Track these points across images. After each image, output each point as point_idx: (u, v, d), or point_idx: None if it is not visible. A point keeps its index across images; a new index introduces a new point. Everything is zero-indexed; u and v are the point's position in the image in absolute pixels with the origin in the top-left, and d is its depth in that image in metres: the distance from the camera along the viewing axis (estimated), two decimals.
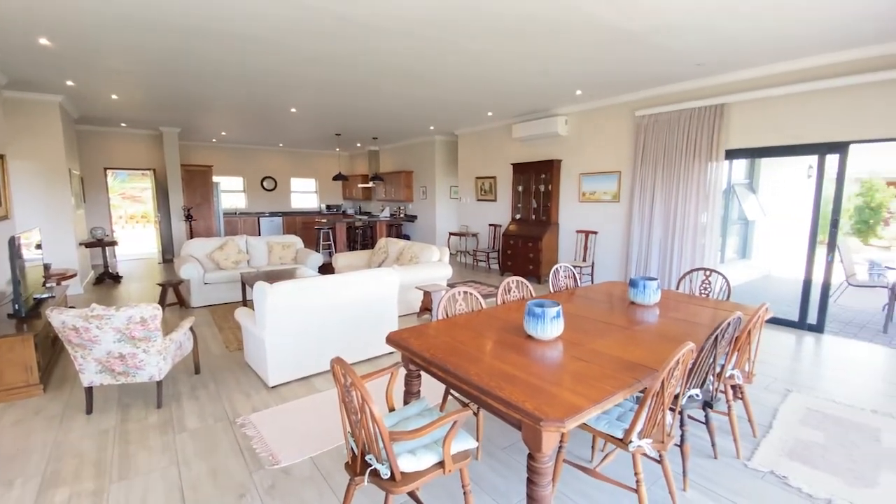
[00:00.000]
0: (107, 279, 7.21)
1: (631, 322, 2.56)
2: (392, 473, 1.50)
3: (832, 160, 4.41)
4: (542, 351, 2.06)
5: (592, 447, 2.47)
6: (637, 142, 5.78)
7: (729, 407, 2.45)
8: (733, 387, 2.59)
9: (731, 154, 5.04)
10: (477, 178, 8.77)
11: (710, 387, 2.24)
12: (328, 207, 12.91)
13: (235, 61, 4.40)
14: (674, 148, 5.37)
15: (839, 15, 3.27)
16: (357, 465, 1.60)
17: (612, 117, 6.21)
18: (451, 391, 2.48)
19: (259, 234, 11.20)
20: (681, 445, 2.18)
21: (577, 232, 6.81)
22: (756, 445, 2.54)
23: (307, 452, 2.48)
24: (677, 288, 3.59)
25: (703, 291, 3.50)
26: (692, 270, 3.60)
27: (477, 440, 2.45)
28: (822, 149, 4.42)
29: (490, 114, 7.33)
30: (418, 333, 2.28)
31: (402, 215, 11.15)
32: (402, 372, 2.28)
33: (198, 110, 6.92)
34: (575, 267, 6.45)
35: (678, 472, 2.27)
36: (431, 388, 3.16)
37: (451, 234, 9.26)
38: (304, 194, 12.85)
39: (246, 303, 5.51)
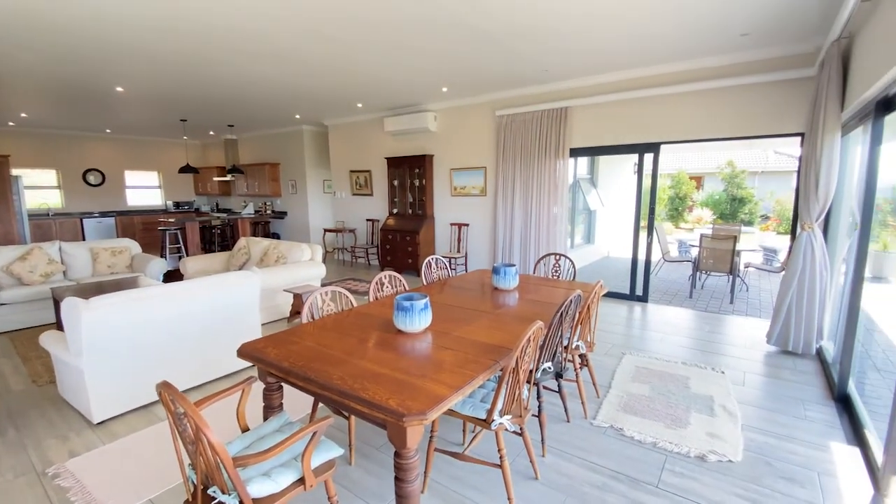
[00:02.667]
0: None
1: (494, 307, 2.71)
2: (241, 503, 1.33)
3: (649, 158, 5.30)
4: (411, 344, 2.06)
5: (464, 430, 2.57)
6: (498, 140, 6.19)
7: (577, 374, 2.77)
8: (580, 356, 2.93)
9: (575, 152, 5.71)
10: (351, 171, 8.50)
11: (560, 358, 2.49)
12: (177, 205, 11.27)
13: (18, 22, 3.49)
14: (529, 146, 5.88)
15: (648, 36, 3.91)
16: (199, 502, 1.39)
17: (476, 115, 6.54)
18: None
19: (83, 239, 9.25)
20: (538, 415, 2.39)
21: (451, 225, 7.07)
22: (599, 405, 2.92)
23: (145, 495, 2.10)
24: (534, 272, 3.95)
25: (554, 273, 3.90)
26: (545, 256, 4.00)
27: (350, 444, 2.36)
28: (641, 148, 5.27)
29: (360, 105, 7.14)
30: (277, 341, 2.09)
31: (269, 212, 10.27)
32: (262, 386, 2.07)
33: None
34: (450, 258, 6.69)
35: (538, 439, 2.48)
36: (303, 397, 2.96)
37: (326, 230, 8.84)
38: (145, 190, 11.00)
39: (62, 325, 4.48)
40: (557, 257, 3.97)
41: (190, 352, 3.16)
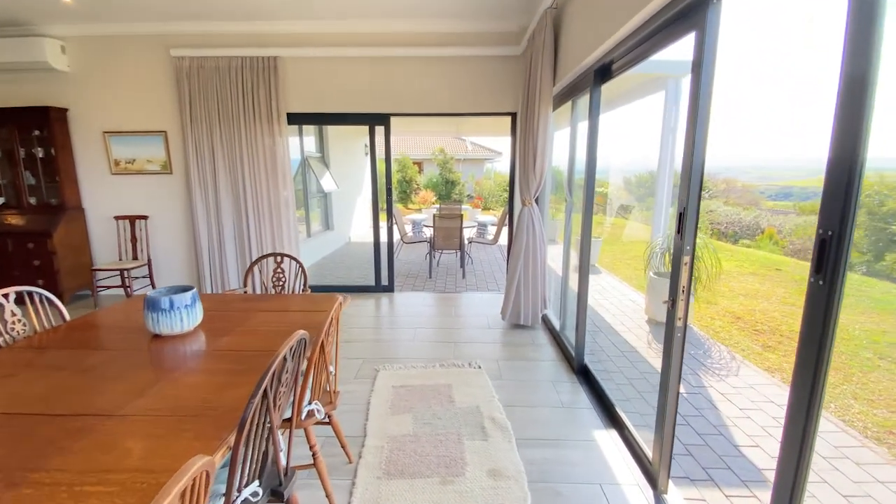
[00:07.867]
0: None
1: (139, 389, 1.34)
2: None
3: (380, 131, 4.66)
4: None
5: None
6: (181, 92, 4.33)
7: (314, 455, 1.73)
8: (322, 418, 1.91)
9: (294, 119, 4.51)
10: None
11: (274, 458, 1.40)
12: None
13: None
14: (230, 105, 4.30)
15: None
16: None
17: (141, 53, 4.40)
18: None
19: None
20: None
21: (117, 218, 4.72)
22: (354, 477, 1.98)
23: None
24: (244, 285, 2.64)
25: (276, 284, 2.72)
26: (260, 259, 2.73)
27: None
28: (370, 119, 4.55)
29: None
30: None
31: None
32: None
33: None
34: (120, 270, 4.46)
35: None
36: None
37: None
38: None
39: None
40: (279, 259, 2.78)
41: None
